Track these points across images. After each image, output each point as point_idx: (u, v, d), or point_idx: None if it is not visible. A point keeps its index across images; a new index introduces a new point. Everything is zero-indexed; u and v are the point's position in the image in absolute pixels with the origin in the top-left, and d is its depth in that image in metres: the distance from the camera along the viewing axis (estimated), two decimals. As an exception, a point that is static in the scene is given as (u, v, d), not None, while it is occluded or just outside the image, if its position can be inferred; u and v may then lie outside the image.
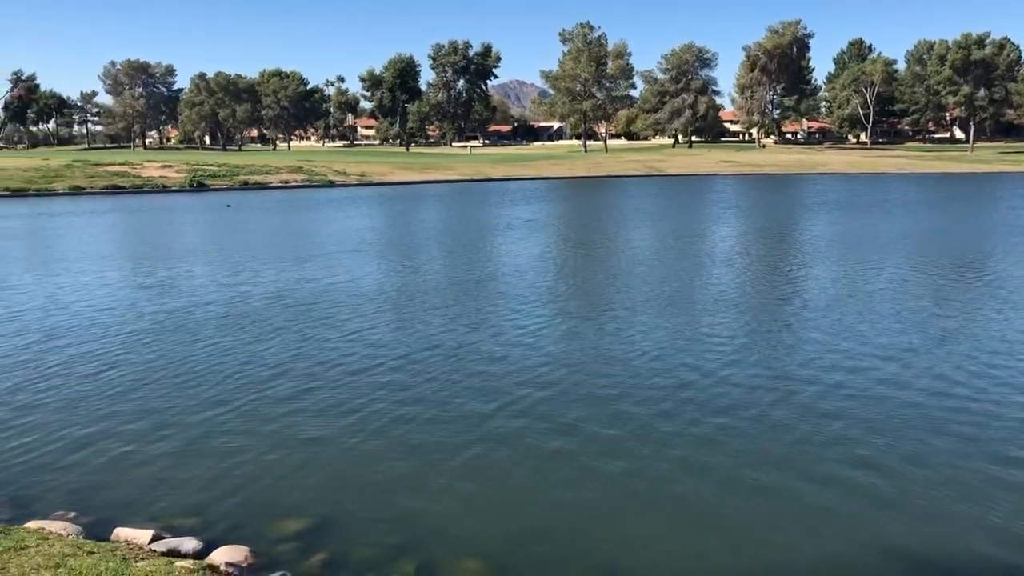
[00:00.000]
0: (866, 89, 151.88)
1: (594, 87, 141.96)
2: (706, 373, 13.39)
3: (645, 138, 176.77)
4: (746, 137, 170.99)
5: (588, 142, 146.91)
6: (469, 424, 11.14)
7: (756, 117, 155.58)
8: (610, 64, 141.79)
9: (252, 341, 15.75)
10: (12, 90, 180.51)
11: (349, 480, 9.44)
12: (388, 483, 9.36)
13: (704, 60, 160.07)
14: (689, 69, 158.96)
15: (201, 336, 16.20)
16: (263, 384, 12.98)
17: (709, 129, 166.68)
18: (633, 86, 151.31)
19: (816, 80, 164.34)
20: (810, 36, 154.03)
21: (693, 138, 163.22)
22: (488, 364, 14.05)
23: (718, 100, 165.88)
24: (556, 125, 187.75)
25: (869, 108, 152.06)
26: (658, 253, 28.80)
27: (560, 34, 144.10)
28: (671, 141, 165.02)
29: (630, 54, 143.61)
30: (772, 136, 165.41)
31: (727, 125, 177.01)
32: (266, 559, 7.63)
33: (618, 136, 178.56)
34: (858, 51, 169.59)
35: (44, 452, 10.23)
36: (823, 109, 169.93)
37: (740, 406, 11.77)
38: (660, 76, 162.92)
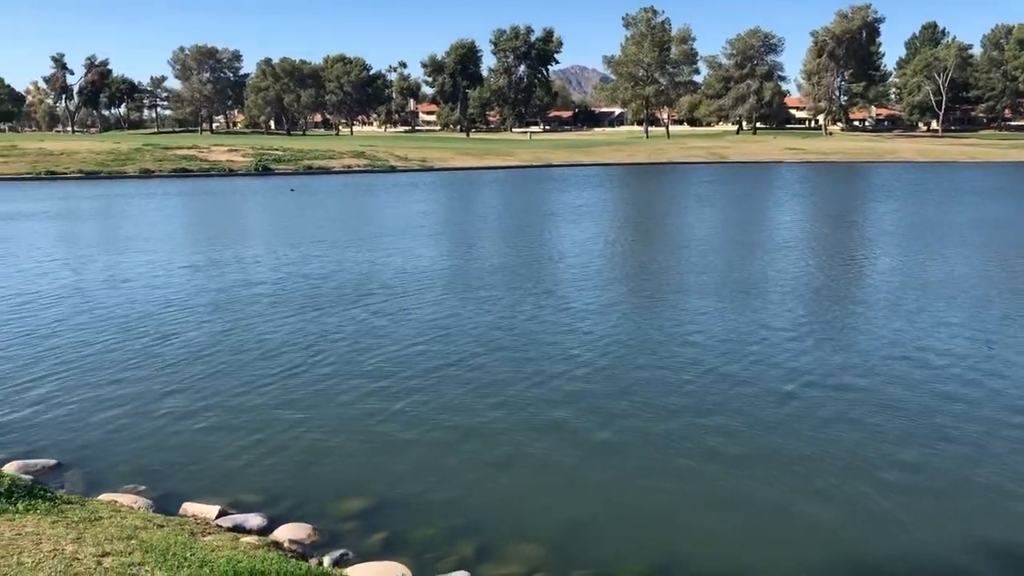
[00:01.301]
0: (939, 75, 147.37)
1: (657, 72, 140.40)
2: (772, 363, 13.18)
3: (708, 124, 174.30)
4: (812, 124, 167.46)
5: (650, 128, 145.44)
6: (531, 410, 11.15)
7: (823, 104, 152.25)
8: (674, 49, 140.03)
9: (317, 322, 15.98)
10: (86, 75, 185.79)
11: (410, 462, 9.53)
12: (448, 465, 9.43)
13: (770, 45, 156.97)
14: (754, 54, 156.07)
15: (267, 316, 16.50)
16: (327, 365, 13.16)
17: (774, 116, 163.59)
18: (697, 71, 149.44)
19: (886, 66, 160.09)
20: (880, 20, 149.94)
21: (757, 125, 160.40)
22: (550, 349, 14.03)
23: (784, 86, 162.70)
24: (617, 111, 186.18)
25: (941, 95, 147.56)
26: (721, 239, 28.42)
27: (623, 19, 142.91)
28: (735, 128, 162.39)
29: (694, 39, 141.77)
30: (839, 123, 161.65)
31: (792, 112, 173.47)
32: (328, 537, 7.76)
33: (680, 122, 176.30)
34: (931, 36, 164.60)
35: (115, 427, 10.54)
36: (893, 96, 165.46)
37: (806, 397, 11.56)
38: (724, 61, 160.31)
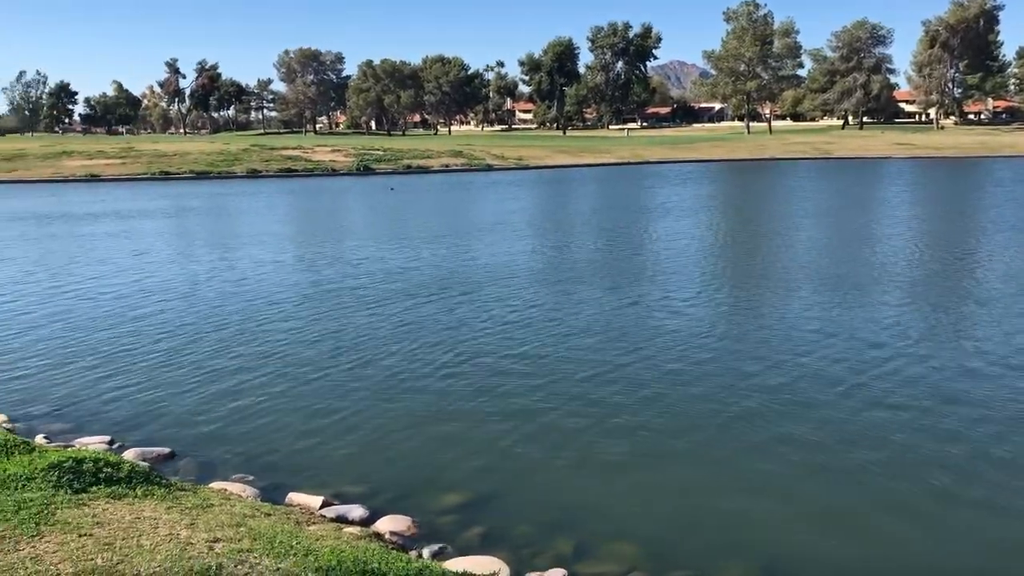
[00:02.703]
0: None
1: (759, 67, 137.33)
2: (878, 361, 12.74)
3: (812, 119, 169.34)
4: (922, 118, 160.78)
5: (751, 124, 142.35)
6: (635, 410, 11.07)
7: (935, 96, 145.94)
8: (776, 43, 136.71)
9: (420, 317, 16.24)
10: (197, 79, 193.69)
11: (509, 458, 9.60)
12: (546, 463, 9.46)
13: (878, 37, 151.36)
14: (861, 47, 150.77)
15: (370, 310, 16.86)
16: (430, 360, 13.36)
17: (882, 110, 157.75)
18: (800, 65, 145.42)
19: (1005, 56, 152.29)
20: (999, 8, 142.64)
21: (864, 119, 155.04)
22: (655, 348, 13.90)
23: (892, 79, 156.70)
24: (717, 106, 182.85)
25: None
26: (826, 237, 27.58)
27: (724, 13, 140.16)
28: (840, 122, 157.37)
29: (798, 32, 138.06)
30: (952, 116, 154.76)
31: (902, 105, 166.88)
32: (427, 530, 7.88)
33: (783, 117, 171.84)
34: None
35: (225, 419, 10.95)
36: (1012, 87, 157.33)
37: (914, 398, 11.13)
38: (830, 54, 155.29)
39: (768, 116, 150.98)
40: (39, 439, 9.78)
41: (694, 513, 8.29)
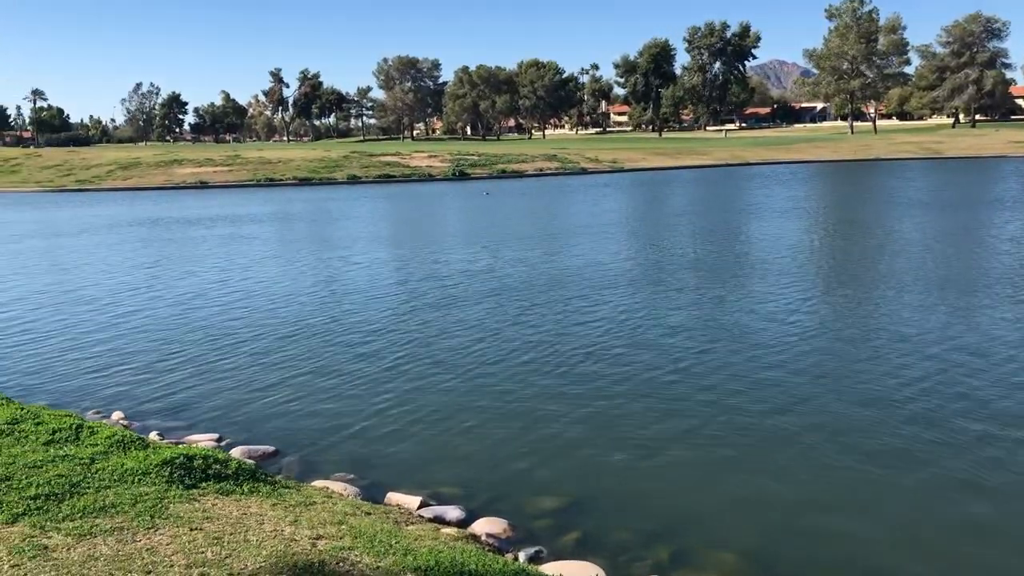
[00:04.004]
0: None
1: (863, 64, 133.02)
2: (988, 375, 12.17)
3: (920, 118, 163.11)
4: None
5: (855, 123, 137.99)
6: (741, 414, 10.87)
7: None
8: (882, 39, 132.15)
9: (518, 316, 16.32)
10: (299, 88, 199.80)
11: (607, 461, 9.54)
12: (645, 468, 9.36)
13: (993, 31, 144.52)
14: (974, 41, 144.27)
15: (468, 313, 17.02)
16: (525, 360, 13.42)
17: (996, 107, 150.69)
18: (907, 62, 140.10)
19: None
20: None
21: (977, 117, 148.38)
22: (763, 349, 13.63)
23: (1008, 74, 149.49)
24: (819, 106, 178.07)
25: None
26: (937, 241, 26.48)
27: (826, 10, 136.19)
28: (950, 121, 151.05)
29: (904, 28, 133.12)
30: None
31: (1019, 102, 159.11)
32: (523, 533, 7.89)
33: (889, 116, 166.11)
34: None
35: (327, 418, 11.23)
36: None
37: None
38: (939, 50, 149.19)
39: (873, 115, 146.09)
40: (153, 436, 10.22)
41: (799, 525, 8.06)
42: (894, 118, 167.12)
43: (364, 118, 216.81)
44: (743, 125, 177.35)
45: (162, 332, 16.32)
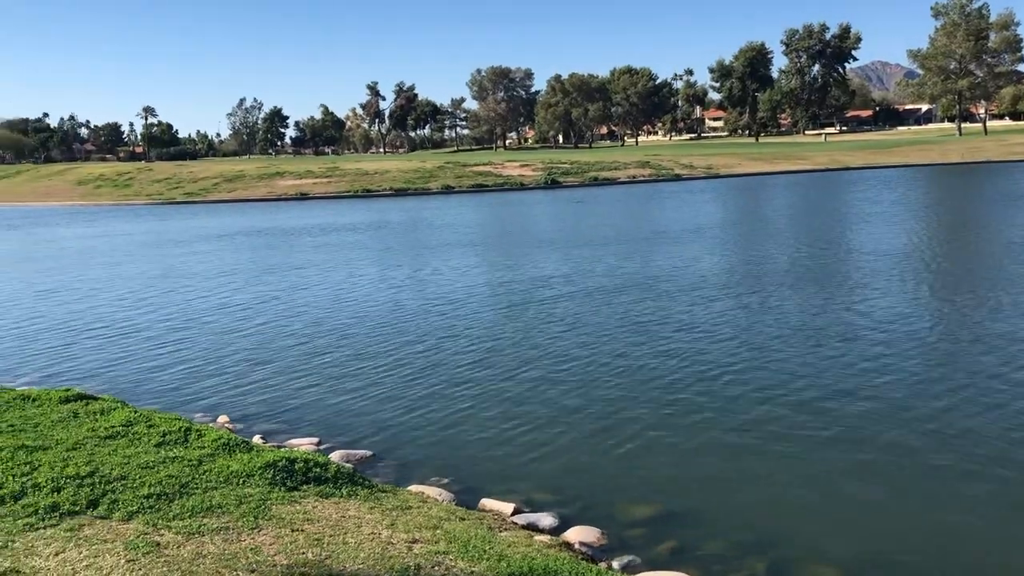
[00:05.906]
0: None
1: (972, 64, 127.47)
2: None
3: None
4: None
5: (963, 125, 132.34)
6: (844, 424, 10.59)
7: None
8: (993, 37, 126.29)
9: (609, 325, 16.27)
10: (395, 100, 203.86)
11: (701, 471, 9.42)
12: (740, 479, 9.21)
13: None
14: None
15: (564, 323, 17.05)
16: (623, 369, 13.37)
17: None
18: (1021, 60, 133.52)
19: None
20: None
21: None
22: (860, 356, 13.25)
23: None
24: (924, 107, 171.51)
25: None
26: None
27: (932, 8, 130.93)
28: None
29: (1018, 24, 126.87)
30: None
31: None
32: (616, 542, 7.85)
33: (1000, 117, 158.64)
34: None
35: (424, 424, 11.41)
36: None
37: None
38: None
39: (983, 116, 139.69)
40: (256, 439, 10.58)
41: (899, 539, 7.78)
42: (1006, 118, 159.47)
43: (458, 129, 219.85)
44: (844, 128, 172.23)
45: (261, 339, 16.87)
